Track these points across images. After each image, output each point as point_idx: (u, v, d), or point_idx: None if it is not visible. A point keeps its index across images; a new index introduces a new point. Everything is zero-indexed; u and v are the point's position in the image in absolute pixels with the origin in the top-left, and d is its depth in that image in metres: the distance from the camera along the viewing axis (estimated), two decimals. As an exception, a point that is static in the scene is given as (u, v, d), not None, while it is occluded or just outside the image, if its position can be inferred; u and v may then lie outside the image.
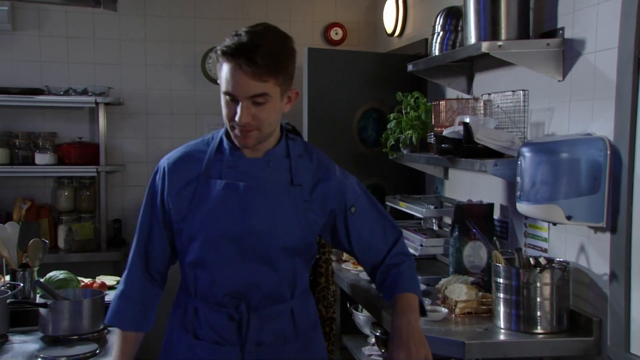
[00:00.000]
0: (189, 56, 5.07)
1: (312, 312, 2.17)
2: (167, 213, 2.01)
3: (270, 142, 2.01)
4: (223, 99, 1.89)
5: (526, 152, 2.41)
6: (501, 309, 2.44)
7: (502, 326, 2.44)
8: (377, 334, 3.26)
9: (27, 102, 4.56)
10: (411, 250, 3.31)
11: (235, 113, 1.86)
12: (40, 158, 4.56)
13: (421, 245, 3.28)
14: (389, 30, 4.72)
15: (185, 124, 5.07)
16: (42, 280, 2.67)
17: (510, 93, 2.85)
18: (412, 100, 3.60)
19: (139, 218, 2.10)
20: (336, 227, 2.13)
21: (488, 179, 3.18)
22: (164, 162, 2.05)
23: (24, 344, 2.38)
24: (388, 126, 3.71)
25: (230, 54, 1.82)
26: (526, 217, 2.79)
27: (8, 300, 2.48)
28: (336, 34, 5.19)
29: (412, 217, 3.68)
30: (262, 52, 1.81)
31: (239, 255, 1.96)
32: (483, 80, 3.33)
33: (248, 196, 1.95)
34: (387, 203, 3.85)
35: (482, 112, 3.06)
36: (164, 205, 2.01)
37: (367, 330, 3.48)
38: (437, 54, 3.25)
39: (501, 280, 2.43)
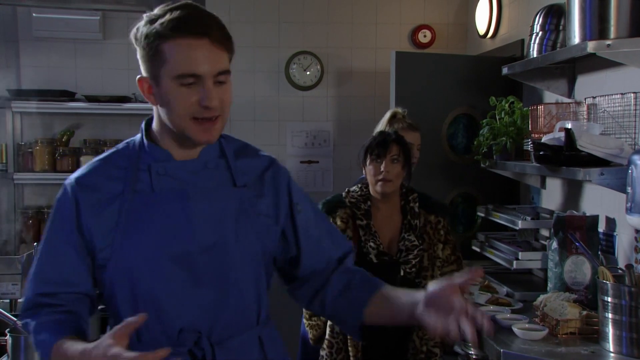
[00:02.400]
0: (272, 62, 5.05)
1: (280, 342, 1.81)
2: (88, 242, 1.62)
3: None
4: (176, 87, 1.55)
5: (638, 160, 2.28)
6: (610, 330, 2.30)
7: (611, 349, 2.29)
8: (470, 352, 3.11)
9: (115, 109, 4.66)
10: (506, 264, 3.20)
11: (202, 98, 1.54)
12: (126, 165, 4.61)
13: (516, 259, 3.15)
14: (482, 31, 4.57)
15: (269, 130, 5.06)
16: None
17: (618, 96, 2.70)
18: (506, 105, 3.48)
19: (35, 260, 1.68)
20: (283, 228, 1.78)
21: (591, 189, 3.03)
22: (72, 181, 1.66)
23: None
24: (480, 132, 3.59)
25: (182, 25, 1.53)
26: (637, 231, 2.62)
27: (100, 307, 2.49)
28: (424, 36, 5.07)
29: (505, 228, 3.53)
30: (210, 19, 1.58)
31: (192, 278, 1.61)
32: (586, 83, 3.16)
33: (192, 204, 1.62)
34: (479, 213, 3.71)
35: (585, 117, 2.93)
36: (82, 234, 1.62)
37: (457, 348, 3.33)
38: (535, 55, 3.14)
39: (609, 299, 2.29)
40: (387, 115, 3.42)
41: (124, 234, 1.60)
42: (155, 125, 1.69)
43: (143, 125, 1.71)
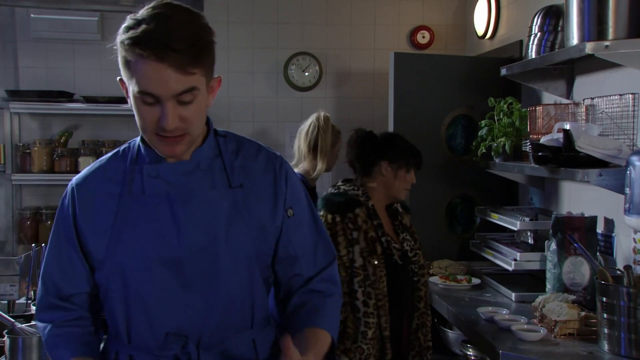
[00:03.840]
0: (271, 63, 5.04)
1: (275, 345, 1.77)
2: (84, 244, 1.65)
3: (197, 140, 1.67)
4: (136, 102, 1.53)
5: (637, 161, 2.28)
6: (608, 331, 2.28)
7: (608, 350, 2.28)
8: (468, 353, 3.10)
9: (113, 110, 4.65)
10: (504, 265, 3.19)
11: (160, 117, 1.51)
12: (125, 166, 4.60)
13: (515, 260, 3.14)
14: (480, 32, 4.57)
15: (267, 131, 5.05)
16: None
17: (616, 97, 2.69)
18: (505, 105, 3.46)
19: (44, 255, 1.73)
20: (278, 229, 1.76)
21: (590, 190, 3.01)
22: (72, 182, 1.70)
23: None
24: (479, 133, 3.58)
25: (143, 43, 1.45)
26: (635, 232, 2.61)
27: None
28: (423, 37, 5.06)
29: (504, 229, 3.52)
30: (180, 36, 1.46)
31: (179, 282, 1.60)
32: (585, 84, 3.15)
33: (179, 208, 1.60)
34: (478, 214, 3.70)
35: (583, 117, 2.91)
36: (79, 236, 1.65)
37: (456, 349, 3.33)
38: (534, 56, 3.12)
39: (608, 300, 2.28)
40: (322, 118, 3.63)
41: (118, 235, 1.61)
42: None
43: None
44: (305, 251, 1.77)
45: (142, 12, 1.50)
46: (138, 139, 1.71)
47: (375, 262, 2.56)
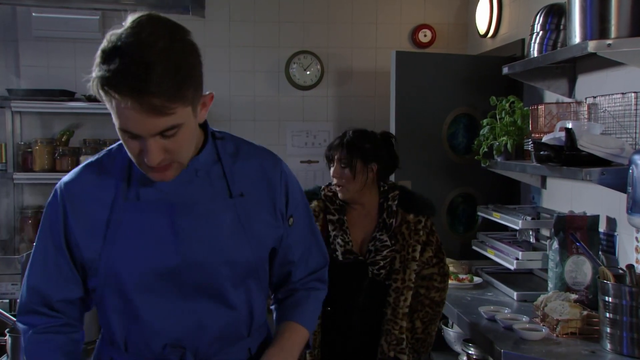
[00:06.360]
0: (272, 61, 5.04)
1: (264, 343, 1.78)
2: (75, 250, 1.58)
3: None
4: (123, 136, 1.43)
5: (639, 160, 2.26)
6: (610, 330, 2.28)
7: (611, 349, 2.28)
8: (470, 352, 3.10)
9: (114, 109, 4.64)
10: (506, 264, 3.19)
11: (142, 151, 1.42)
12: (126, 164, 4.60)
13: (517, 259, 3.13)
14: (482, 31, 4.56)
15: (269, 130, 5.05)
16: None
17: (619, 96, 2.67)
18: (507, 104, 3.45)
19: (29, 263, 1.65)
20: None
21: (591, 189, 3.01)
22: (61, 185, 1.60)
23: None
24: (481, 132, 3.57)
25: (116, 86, 1.32)
26: (638, 231, 2.60)
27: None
28: (425, 36, 5.06)
29: (506, 228, 3.52)
30: (156, 75, 1.30)
31: (178, 293, 1.55)
32: (587, 82, 3.14)
33: (180, 219, 1.54)
34: (479, 213, 3.70)
35: (585, 116, 2.90)
36: (69, 242, 1.58)
37: (457, 348, 3.33)
38: (535, 55, 3.11)
39: (610, 299, 2.28)
40: None
41: (113, 243, 1.54)
42: None
43: None
44: (301, 255, 1.80)
45: (119, 35, 1.35)
46: None
47: None
